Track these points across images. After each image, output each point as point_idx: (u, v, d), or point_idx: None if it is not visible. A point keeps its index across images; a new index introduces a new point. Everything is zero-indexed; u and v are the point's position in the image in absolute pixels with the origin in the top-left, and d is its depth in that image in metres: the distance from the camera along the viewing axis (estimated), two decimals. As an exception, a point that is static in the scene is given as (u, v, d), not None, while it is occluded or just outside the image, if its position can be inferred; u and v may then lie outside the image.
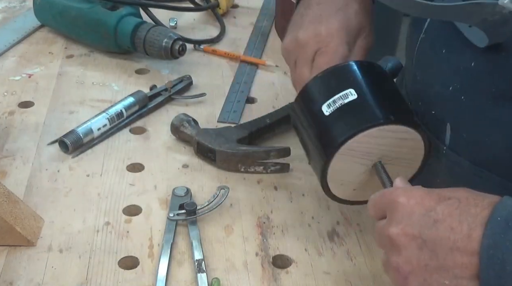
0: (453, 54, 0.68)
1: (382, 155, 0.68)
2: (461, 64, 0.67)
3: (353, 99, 0.66)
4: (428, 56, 0.73)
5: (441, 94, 0.70)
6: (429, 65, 0.72)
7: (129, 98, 0.97)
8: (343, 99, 0.66)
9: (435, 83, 0.71)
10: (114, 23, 1.08)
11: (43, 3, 1.16)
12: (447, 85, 0.69)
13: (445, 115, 0.71)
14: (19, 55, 1.12)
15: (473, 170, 0.69)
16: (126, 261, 0.74)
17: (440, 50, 0.70)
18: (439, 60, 0.70)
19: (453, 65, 0.68)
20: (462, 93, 0.67)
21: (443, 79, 0.69)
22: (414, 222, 0.57)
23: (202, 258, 0.73)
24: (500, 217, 0.53)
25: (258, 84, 1.07)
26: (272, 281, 0.72)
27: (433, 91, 0.72)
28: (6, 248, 0.74)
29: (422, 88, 0.74)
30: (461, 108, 0.68)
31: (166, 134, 0.94)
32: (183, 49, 1.06)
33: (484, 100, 0.65)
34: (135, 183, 0.85)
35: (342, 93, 0.67)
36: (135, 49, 1.08)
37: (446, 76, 0.69)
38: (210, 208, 0.79)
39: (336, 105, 0.66)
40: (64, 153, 0.89)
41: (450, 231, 0.55)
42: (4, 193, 0.74)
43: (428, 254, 0.56)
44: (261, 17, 1.28)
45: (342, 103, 0.66)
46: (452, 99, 0.68)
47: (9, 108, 0.98)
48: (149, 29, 1.06)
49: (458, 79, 0.67)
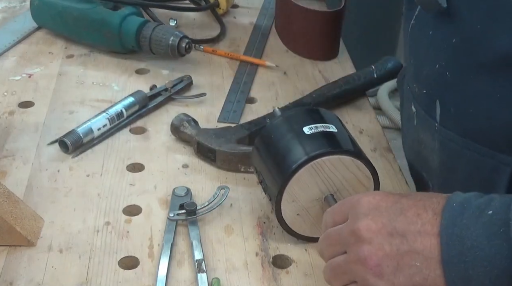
0: (438, 33, 0.71)
1: (336, 189, 0.74)
2: (444, 42, 0.70)
3: (333, 131, 0.76)
4: (418, 40, 0.76)
5: (430, 74, 0.73)
6: (419, 49, 0.76)
7: (129, 98, 0.97)
8: (324, 128, 0.76)
9: (425, 64, 0.74)
10: (118, 22, 1.08)
11: (41, 5, 1.15)
12: (434, 64, 0.72)
13: (434, 93, 0.74)
14: (19, 55, 1.12)
15: (462, 143, 0.72)
16: (126, 261, 0.74)
17: (427, 32, 0.73)
18: (427, 42, 0.73)
19: (438, 44, 0.71)
20: (447, 70, 0.70)
21: (431, 59, 0.73)
22: (382, 212, 0.61)
23: (202, 258, 0.73)
24: (455, 203, 0.58)
25: (258, 84, 1.07)
26: (272, 281, 0.72)
27: (424, 72, 0.75)
28: (6, 248, 0.74)
29: (415, 71, 0.78)
30: (447, 84, 0.71)
31: (166, 134, 0.94)
32: (189, 46, 1.07)
33: (466, 74, 0.68)
34: (135, 183, 0.85)
35: (326, 124, 0.77)
36: (139, 48, 1.08)
37: (433, 56, 0.72)
38: (210, 208, 0.79)
39: (318, 130, 0.75)
40: (64, 153, 0.89)
41: (417, 217, 0.59)
42: (4, 193, 0.74)
43: (399, 239, 0.59)
44: (261, 17, 1.28)
45: (323, 130, 0.75)
46: (439, 77, 0.72)
47: (9, 108, 0.98)
48: (154, 28, 1.07)
49: (442, 56, 0.71)
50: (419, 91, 0.77)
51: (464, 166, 0.73)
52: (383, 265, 0.59)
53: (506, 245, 0.54)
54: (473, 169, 0.72)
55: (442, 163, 0.76)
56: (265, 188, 0.78)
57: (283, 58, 1.15)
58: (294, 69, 1.11)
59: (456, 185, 0.63)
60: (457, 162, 0.73)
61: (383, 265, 0.59)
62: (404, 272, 0.58)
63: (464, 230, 0.56)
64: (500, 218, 0.55)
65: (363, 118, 1.00)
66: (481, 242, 0.55)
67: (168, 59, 1.11)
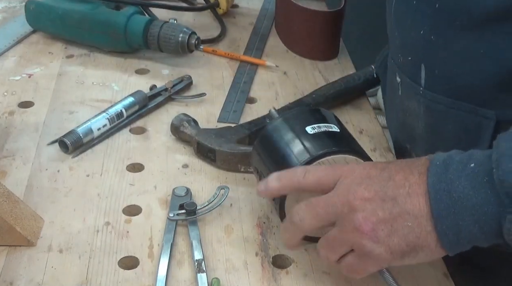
0: (422, 1, 0.74)
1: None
2: (428, 8, 0.73)
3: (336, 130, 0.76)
4: (404, 12, 0.79)
5: (415, 40, 0.76)
6: (404, 19, 0.79)
7: (129, 98, 0.98)
8: (327, 128, 0.75)
9: (410, 32, 0.77)
10: (123, 22, 1.08)
11: (38, 8, 1.14)
12: (419, 30, 0.75)
13: (419, 58, 0.77)
14: (19, 55, 1.12)
15: (447, 103, 0.75)
16: (126, 261, 0.74)
17: (412, 2, 0.75)
18: (412, 11, 0.76)
19: (422, 11, 0.74)
20: (431, 34, 0.74)
21: (416, 26, 0.76)
22: (373, 180, 0.63)
23: (202, 258, 0.73)
24: (439, 162, 0.61)
25: (258, 84, 1.07)
26: (272, 281, 0.72)
27: (409, 40, 0.78)
28: (6, 248, 0.74)
29: (401, 42, 0.81)
30: (432, 48, 0.74)
31: (166, 134, 0.94)
32: (198, 43, 1.08)
33: (452, 35, 0.71)
34: (135, 183, 0.85)
35: (328, 124, 0.76)
36: (146, 46, 1.09)
37: (418, 23, 0.75)
38: (210, 208, 0.79)
39: (320, 129, 0.75)
40: (64, 153, 0.89)
41: (405, 180, 0.62)
42: (4, 193, 0.74)
43: (390, 203, 0.61)
44: (261, 17, 1.28)
45: (326, 130, 0.75)
46: (424, 42, 0.75)
47: (9, 108, 0.98)
48: (162, 26, 1.07)
49: (427, 21, 0.74)
50: (404, 59, 0.80)
51: (450, 126, 0.76)
52: (378, 230, 0.61)
53: (491, 193, 0.57)
54: (458, 128, 0.75)
55: (428, 127, 0.79)
56: None
57: (283, 58, 1.15)
58: (294, 69, 1.11)
59: (441, 148, 0.65)
60: (442, 124, 0.76)
61: (378, 230, 0.61)
62: (398, 233, 0.61)
63: (450, 184, 0.59)
64: (483, 169, 0.58)
65: (363, 118, 1.00)
66: (467, 193, 0.58)
67: (168, 59, 1.11)
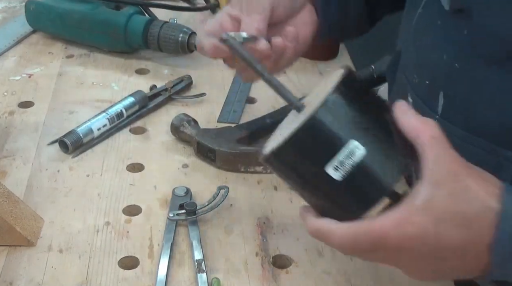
0: (448, 23, 0.70)
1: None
2: (455, 33, 0.69)
3: (364, 155, 0.55)
4: (425, 30, 0.74)
5: (436, 64, 0.71)
6: (425, 38, 0.74)
7: (129, 98, 0.98)
8: (351, 158, 0.55)
9: (431, 54, 0.73)
10: (123, 22, 1.08)
11: (38, 8, 1.15)
12: (442, 54, 0.70)
13: (439, 84, 0.72)
14: (19, 55, 1.12)
15: (464, 137, 0.69)
16: (126, 261, 0.74)
17: (435, 23, 0.71)
18: (435, 32, 0.72)
19: (447, 34, 0.70)
20: (456, 61, 0.69)
21: (439, 49, 0.71)
22: (425, 262, 0.58)
23: (202, 258, 0.73)
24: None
25: (258, 84, 1.07)
26: (272, 281, 0.72)
27: (428, 62, 0.73)
28: (6, 248, 0.74)
29: (418, 61, 0.76)
30: (455, 75, 0.69)
31: (166, 134, 0.94)
32: None
33: (477, 65, 0.67)
34: (135, 183, 0.85)
35: (348, 150, 0.55)
36: (146, 46, 1.09)
37: (441, 46, 0.71)
38: (210, 208, 0.79)
39: (345, 167, 0.55)
40: (64, 153, 0.89)
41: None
42: (4, 193, 0.74)
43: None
44: (261, 17, 1.28)
45: (353, 164, 0.55)
46: (447, 67, 0.70)
47: (9, 108, 0.98)
48: (162, 26, 1.07)
49: (452, 47, 0.69)
50: (420, 81, 0.75)
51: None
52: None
53: None
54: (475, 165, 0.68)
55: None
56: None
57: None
58: (294, 69, 1.11)
59: None
60: None
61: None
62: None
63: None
64: None
65: (363, 118, 1.00)
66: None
67: (168, 59, 1.11)
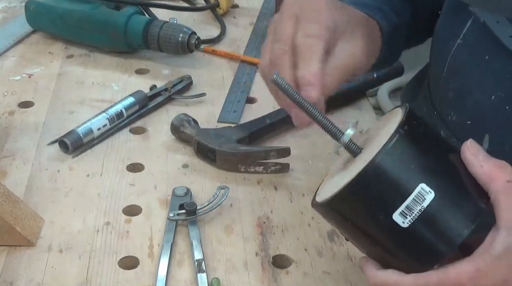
0: (497, 61, 0.64)
1: None
2: (506, 72, 0.62)
3: (433, 199, 0.52)
4: (467, 63, 0.67)
5: (481, 104, 0.65)
6: (467, 73, 0.67)
7: (129, 98, 0.98)
8: (420, 203, 0.52)
9: (474, 92, 0.66)
10: (123, 22, 1.08)
11: (38, 8, 1.14)
12: (489, 94, 0.64)
13: (483, 126, 0.65)
14: (19, 55, 1.12)
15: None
16: (126, 261, 0.74)
17: (481, 57, 0.65)
18: (480, 68, 0.65)
19: (496, 73, 0.64)
20: (506, 103, 0.63)
21: (484, 88, 0.65)
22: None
23: (202, 258, 0.73)
24: None
25: (258, 84, 1.07)
26: (272, 281, 0.72)
27: (471, 100, 0.66)
28: (6, 248, 0.74)
29: (457, 97, 0.69)
30: (504, 119, 0.63)
31: (166, 134, 0.94)
32: (198, 42, 1.08)
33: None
34: (135, 183, 0.85)
35: (415, 195, 0.52)
36: (147, 46, 1.09)
37: (488, 85, 0.64)
38: (210, 208, 0.79)
39: (413, 213, 0.52)
40: (64, 153, 0.89)
41: None
42: (4, 193, 0.74)
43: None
44: (261, 17, 1.28)
45: (421, 209, 0.52)
46: (494, 109, 0.64)
47: (9, 108, 0.98)
48: (162, 26, 1.07)
49: (502, 88, 0.63)
50: (459, 121, 0.68)
51: None
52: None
53: None
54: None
55: None
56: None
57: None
58: (294, 69, 1.11)
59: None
60: None
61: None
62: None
63: None
64: None
65: (363, 118, 1.00)
66: None
67: (168, 59, 1.11)
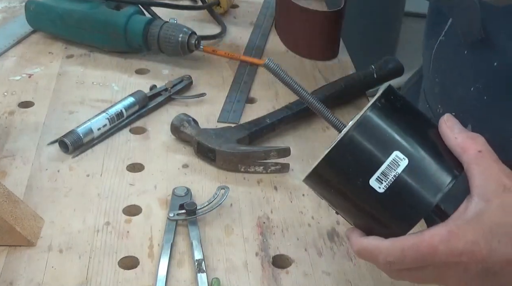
0: (475, 54, 0.66)
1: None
2: (483, 64, 0.65)
3: (407, 166, 0.55)
4: (449, 59, 0.70)
5: (463, 96, 0.68)
6: (449, 68, 0.70)
7: (129, 98, 0.98)
8: (394, 169, 0.55)
9: (457, 85, 0.69)
10: (123, 22, 1.08)
11: (38, 8, 1.14)
12: (469, 86, 0.67)
13: (466, 116, 0.67)
14: (19, 55, 1.12)
15: None
16: (126, 261, 0.74)
17: (461, 52, 0.67)
18: (461, 62, 0.68)
19: (475, 66, 0.66)
20: (485, 93, 0.66)
21: (465, 81, 0.67)
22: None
23: (202, 258, 0.73)
24: None
25: (258, 84, 1.07)
26: (272, 281, 0.72)
27: (454, 93, 0.69)
28: (6, 248, 0.74)
29: (442, 91, 0.72)
30: (485, 109, 0.66)
31: (166, 134, 0.94)
32: (198, 42, 1.08)
33: (508, 97, 0.64)
34: (135, 183, 0.85)
35: (390, 161, 0.55)
36: (147, 47, 1.09)
37: (468, 78, 0.67)
38: (210, 208, 0.79)
39: (388, 179, 0.55)
40: (64, 153, 0.89)
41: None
42: (4, 193, 0.74)
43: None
44: (261, 17, 1.28)
45: (396, 175, 0.55)
46: (475, 100, 0.67)
47: (9, 108, 0.98)
48: (161, 26, 1.07)
49: (480, 79, 0.66)
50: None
51: None
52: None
53: None
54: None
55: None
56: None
57: (283, 58, 1.15)
58: (294, 69, 1.11)
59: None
60: None
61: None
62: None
63: None
64: None
65: (363, 118, 1.00)
66: None
67: (168, 59, 1.11)
